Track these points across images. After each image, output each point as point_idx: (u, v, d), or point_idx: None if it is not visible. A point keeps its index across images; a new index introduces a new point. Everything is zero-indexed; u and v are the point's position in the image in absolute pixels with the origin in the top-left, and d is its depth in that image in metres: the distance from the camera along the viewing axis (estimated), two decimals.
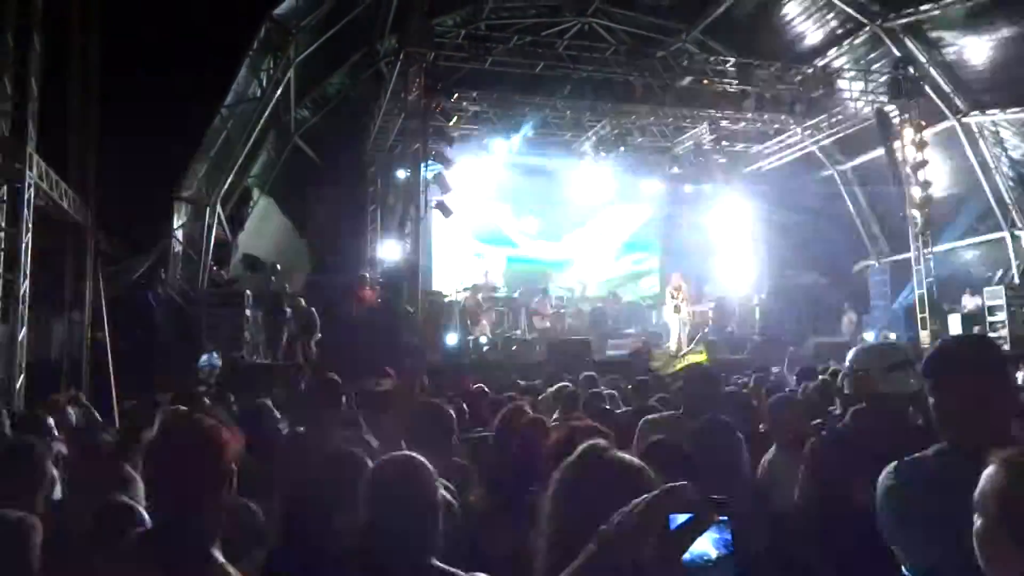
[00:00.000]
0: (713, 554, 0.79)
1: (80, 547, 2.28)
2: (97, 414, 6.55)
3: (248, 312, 12.90)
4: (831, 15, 13.99)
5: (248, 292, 13.03)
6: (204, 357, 5.76)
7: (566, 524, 1.31)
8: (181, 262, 12.64)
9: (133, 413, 5.17)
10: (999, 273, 15.10)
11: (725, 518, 0.81)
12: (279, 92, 12.86)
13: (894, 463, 1.98)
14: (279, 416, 5.04)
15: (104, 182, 9.98)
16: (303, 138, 14.45)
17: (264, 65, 12.43)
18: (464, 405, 5.24)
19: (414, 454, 2.31)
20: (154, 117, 10.66)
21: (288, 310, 13.23)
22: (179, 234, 12.57)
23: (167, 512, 1.81)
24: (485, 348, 13.94)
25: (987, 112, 14.21)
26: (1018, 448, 1.36)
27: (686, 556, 0.78)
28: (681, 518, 0.79)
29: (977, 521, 1.32)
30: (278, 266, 14.09)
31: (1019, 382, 5.76)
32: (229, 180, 12.81)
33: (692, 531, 0.79)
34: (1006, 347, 13.01)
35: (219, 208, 12.88)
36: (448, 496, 3.19)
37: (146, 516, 2.27)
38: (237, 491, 1.94)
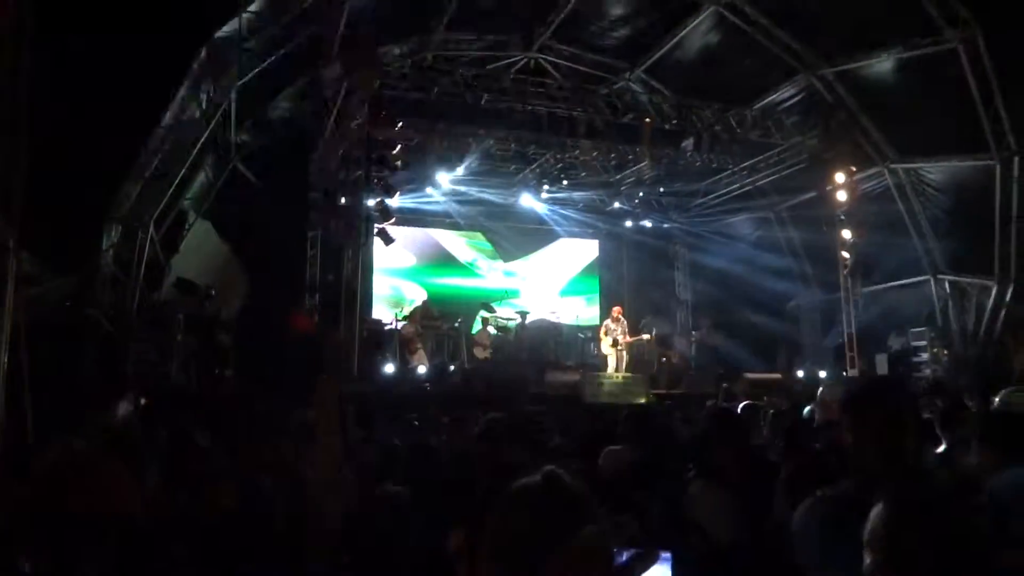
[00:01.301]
0: None
1: None
2: None
3: (179, 337, 12.53)
4: (768, 61, 14.46)
5: (180, 316, 12.68)
6: (122, 406, 5.32)
7: (512, 545, 1.28)
8: (110, 285, 12.23)
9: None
10: (924, 315, 15.65)
11: (668, 555, 0.79)
12: (219, 115, 12.65)
13: (811, 497, 2.01)
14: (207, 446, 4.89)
15: (30, 201, 9.61)
16: (243, 161, 14.20)
17: (204, 87, 12.23)
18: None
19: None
20: (87, 135, 10.37)
21: (224, 336, 12.94)
22: (109, 256, 12.18)
23: (48, 564, 1.68)
24: (422, 379, 13.80)
25: (914, 160, 14.83)
26: (907, 486, 1.38)
27: None
28: (628, 552, 0.78)
29: (867, 558, 1.33)
30: (213, 290, 13.77)
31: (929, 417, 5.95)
32: (164, 202, 12.50)
33: (639, 565, 0.77)
34: (928, 386, 13.44)
35: (152, 230, 12.54)
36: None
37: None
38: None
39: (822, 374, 15.52)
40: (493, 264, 19.48)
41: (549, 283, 19.81)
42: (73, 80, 10.47)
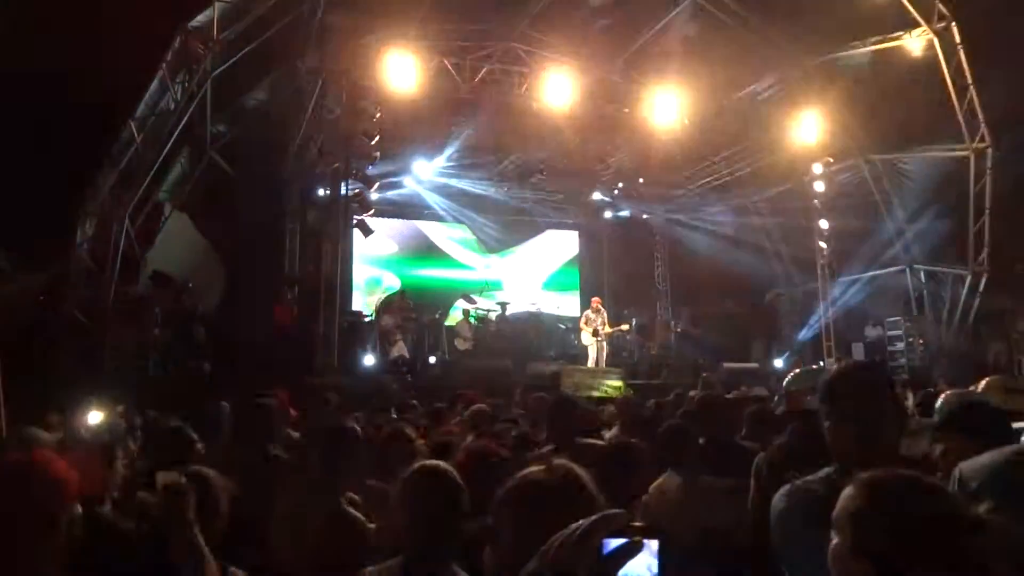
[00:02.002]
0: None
1: None
2: None
3: (156, 331, 12.41)
4: (749, 52, 14.49)
5: (157, 310, 12.55)
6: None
7: (518, 535, 1.28)
8: (85, 279, 12.06)
9: None
10: (899, 304, 15.83)
11: (655, 543, 0.85)
12: (194, 105, 12.49)
13: (787, 485, 2.02)
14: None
15: (1, 195, 9.48)
16: (219, 153, 14.05)
17: (179, 77, 12.05)
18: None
19: (443, 463, 2.39)
20: (58, 128, 10.22)
21: (200, 329, 12.82)
22: (83, 249, 12.00)
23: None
24: (403, 370, 13.76)
25: (890, 151, 14.96)
26: (879, 469, 1.38)
27: None
28: (615, 542, 0.84)
29: (834, 539, 1.34)
30: (190, 283, 13.65)
31: (908, 404, 6.02)
32: (139, 195, 12.33)
33: (624, 555, 0.84)
34: (904, 376, 13.62)
35: (127, 223, 12.37)
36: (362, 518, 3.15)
37: None
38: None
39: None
40: (476, 256, 19.45)
41: (531, 275, 19.82)
42: (44, 70, 10.31)
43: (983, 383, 4.30)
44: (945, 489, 1.35)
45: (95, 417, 2.73)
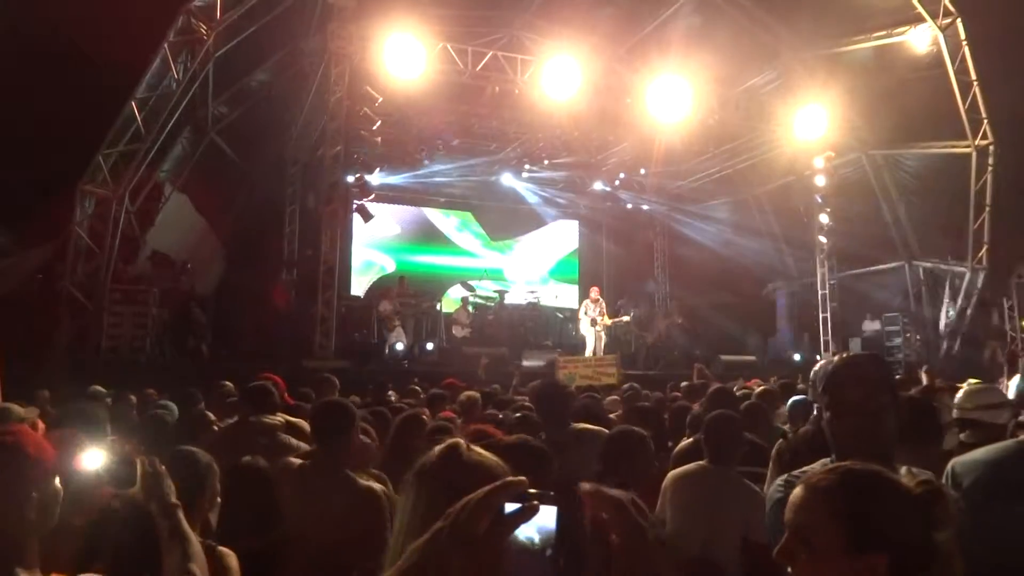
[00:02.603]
0: (536, 538, 0.93)
1: None
2: None
3: (154, 311, 12.41)
4: (750, 44, 14.44)
5: (155, 290, 12.55)
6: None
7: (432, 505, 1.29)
8: (84, 257, 12.05)
9: None
10: (897, 300, 15.85)
11: (554, 509, 0.93)
12: (196, 86, 12.44)
13: (784, 476, 2.04)
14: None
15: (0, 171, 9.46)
16: (221, 134, 14.02)
17: (181, 57, 11.99)
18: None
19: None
20: (58, 106, 10.18)
21: (198, 310, 12.84)
22: (83, 228, 11.98)
23: None
24: (400, 356, 13.78)
25: (892, 146, 14.94)
26: (833, 466, 1.39)
27: (511, 537, 0.92)
28: (513, 506, 0.93)
29: (803, 554, 1.30)
30: (189, 264, 13.66)
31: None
32: (139, 174, 12.30)
33: (519, 518, 0.92)
34: (900, 370, 13.65)
35: (127, 202, 12.35)
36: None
37: None
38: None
39: (796, 357, 15.71)
40: (476, 243, 19.44)
41: (533, 264, 19.83)
42: (46, 48, 10.26)
43: (1016, 378, 4.32)
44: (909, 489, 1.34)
45: (94, 460, 2.56)
